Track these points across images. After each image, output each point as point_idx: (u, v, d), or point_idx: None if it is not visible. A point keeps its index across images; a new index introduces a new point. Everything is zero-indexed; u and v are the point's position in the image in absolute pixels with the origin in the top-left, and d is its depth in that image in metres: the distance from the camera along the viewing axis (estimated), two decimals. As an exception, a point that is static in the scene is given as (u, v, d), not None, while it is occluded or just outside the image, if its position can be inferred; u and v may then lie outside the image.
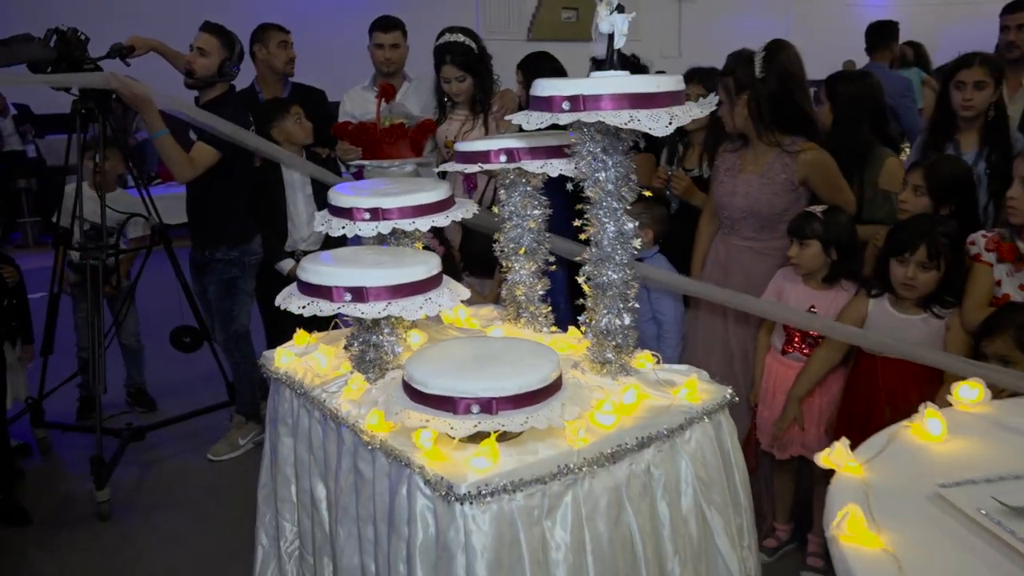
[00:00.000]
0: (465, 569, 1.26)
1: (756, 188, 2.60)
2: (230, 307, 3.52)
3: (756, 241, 2.69)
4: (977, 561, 0.82)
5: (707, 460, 1.50)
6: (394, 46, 3.70)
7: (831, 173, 2.56)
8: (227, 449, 3.61)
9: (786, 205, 2.56)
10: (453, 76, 3.23)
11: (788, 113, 2.50)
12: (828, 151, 2.62)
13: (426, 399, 1.34)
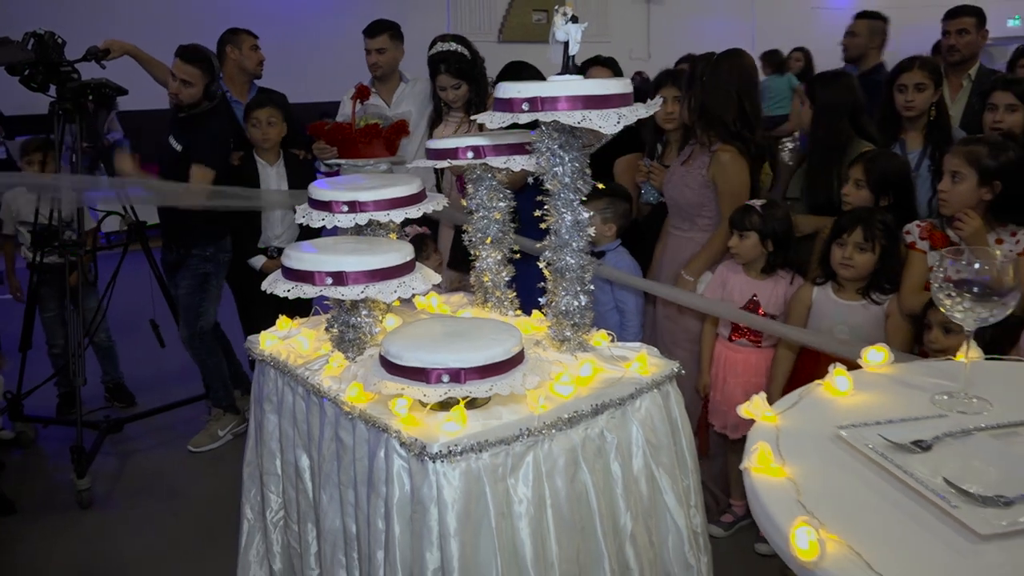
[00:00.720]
0: (437, 520, 1.41)
1: (679, 179, 2.83)
2: (199, 303, 3.62)
3: (678, 230, 2.92)
4: (863, 485, 0.98)
5: (656, 426, 1.66)
6: (380, 51, 3.81)
7: (734, 178, 2.72)
8: (207, 440, 3.72)
9: (700, 200, 2.75)
10: (449, 85, 3.36)
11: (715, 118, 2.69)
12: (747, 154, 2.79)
13: (401, 371, 1.48)
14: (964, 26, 3.78)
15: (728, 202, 2.70)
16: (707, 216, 2.79)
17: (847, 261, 2.39)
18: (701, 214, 2.78)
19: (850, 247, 2.38)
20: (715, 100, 2.68)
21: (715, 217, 2.78)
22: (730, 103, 2.68)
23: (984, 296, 1.11)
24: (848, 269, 2.40)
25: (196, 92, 3.44)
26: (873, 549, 0.84)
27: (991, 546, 0.85)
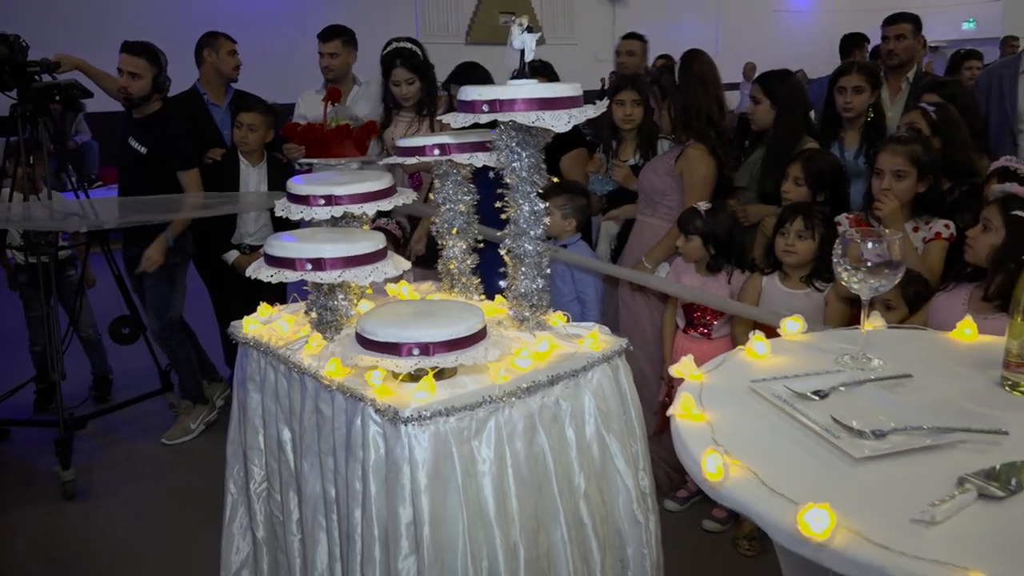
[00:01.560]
0: (409, 479, 1.57)
1: (650, 166, 3.07)
2: (167, 295, 3.73)
3: (642, 215, 3.16)
4: (767, 426, 1.16)
5: (606, 396, 1.84)
6: (332, 55, 3.95)
7: (697, 174, 2.95)
8: (181, 434, 3.82)
9: (663, 187, 2.96)
10: (403, 79, 3.51)
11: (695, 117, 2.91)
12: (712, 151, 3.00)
13: (376, 345, 1.65)
14: (902, 31, 4.03)
15: (691, 195, 2.94)
16: (668, 205, 3.01)
17: (789, 248, 2.60)
18: (663, 202, 3.00)
19: (792, 235, 2.59)
20: (693, 99, 2.90)
21: (676, 207, 3.00)
22: (707, 99, 2.91)
23: (875, 269, 1.30)
24: (791, 256, 2.61)
25: (145, 84, 3.54)
26: (769, 471, 1.02)
27: (863, 467, 1.04)
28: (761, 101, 3.25)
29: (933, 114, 2.85)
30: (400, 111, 3.69)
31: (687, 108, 2.92)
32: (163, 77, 3.63)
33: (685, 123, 2.94)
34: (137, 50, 3.54)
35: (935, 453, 1.06)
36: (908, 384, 1.27)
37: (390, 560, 1.63)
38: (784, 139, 3.14)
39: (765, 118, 3.24)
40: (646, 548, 1.90)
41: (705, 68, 2.99)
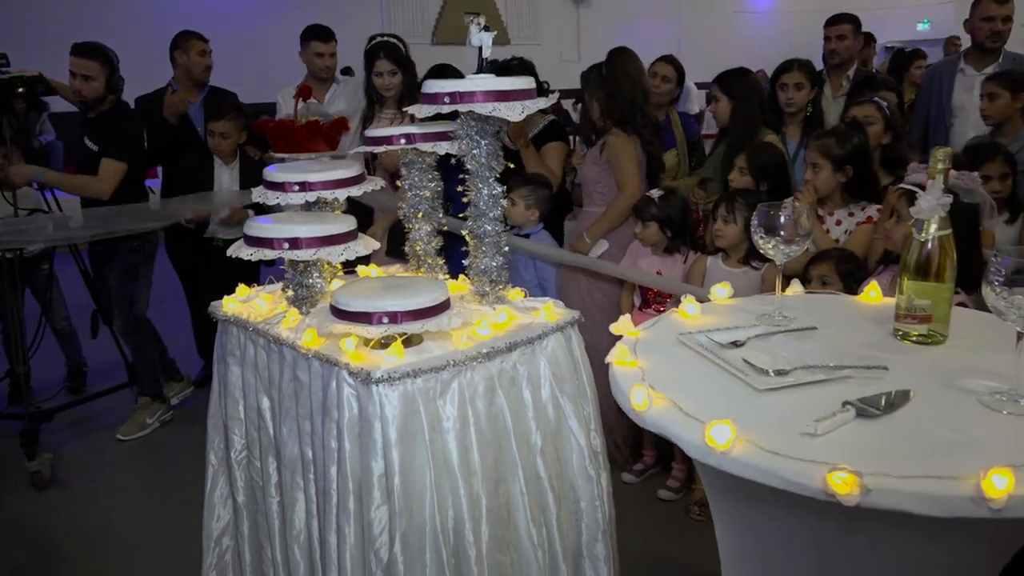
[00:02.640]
0: (380, 434, 1.74)
1: (585, 160, 3.31)
2: (132, 292, 3.82)
3: (585, 205, 3.36)
4: (689, 369, 1.35)
5: (560, 362, 2.02)
6: (332, 55, 4.10)
7: (621, 156, 3.20)
8: (135, 429, 3.88)
9: (596, 176, 3.20)
10: (386, 69, 3.65)
11: (621, 106, 3.12)
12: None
13: (349, 315, 1.81)
14: (842, 32, 4.26)
15: (621, 178, 3.16)
16: (601, 192, 3.24)
17: (717, 232, 2.83)
18: (597, 189, 3.23)
19: (719, 221, 2.81)
20: (619, 90, 3.14)
21: (607, 193, 3.22)
22: (632, 90, 3.14)
23: (787, 240, 1.49)
24: (719, 239, 2.84)
25: (99, 86, 3.60)
26: (687, 402, 1.21)
27: (765, 397, 1.23)
28: (720, 99, 3.47)
29: (886, 109, 3.06)
30: (383, 108, 3.82)
31: (613, 98, 3.19)
32: (116, 77, 3.70)
33: (611, 112, 3.18)
34: (88, 52, 3.59)
35: (827, 386, 1.25)
36: (814, 335, 1.47)
37: (364, 511, 1.79)
38: (741, 133, 3.37)
39: (724, 114, 3.46)
40: (598, 501, 2.08)
41: (629, 63, 3.30)
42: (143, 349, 3.91)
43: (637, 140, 3.23)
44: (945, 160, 1.38)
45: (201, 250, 4.00)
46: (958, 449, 1.05)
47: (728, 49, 12.20)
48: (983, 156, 2.90)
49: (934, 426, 1.13)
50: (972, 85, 3.84)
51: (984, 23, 3.88)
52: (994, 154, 2.88)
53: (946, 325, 1.43)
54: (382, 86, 3.70)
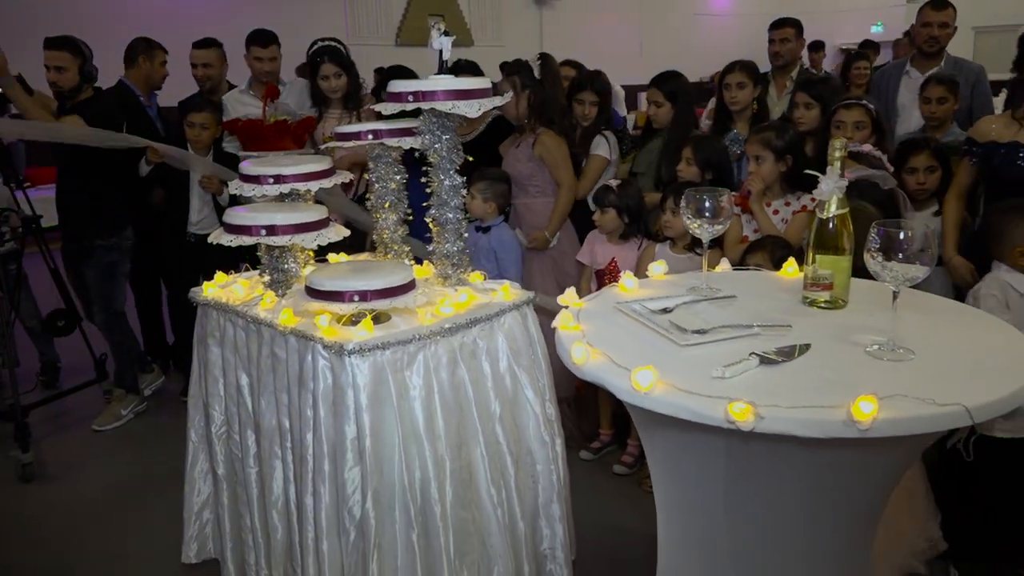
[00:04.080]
0: (353, 400, 1.92)
1: (512, 157, 3.52)
2: (110, 290, 3.93)
3: (516, 199, 3.56)
4: (624, 331, 1.55)
5: (516, 337, 2.21)
6: (272, 59, 4.23)
7: (556, 154, 3.44)
8: (110, 420, 3.97)
9: (530, 172, 3.44)
10: (331, 72, 3.82)
11: (554, 108, 3.40)
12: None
13: (322, 295, 1.99)
14: (786, 35, 4.51)
15: (558, 170, 3.44)
16: (536, 184, 3.50)
17: (667, 223, 3.04)
18: (531, 183, 3.48)
19: (668, 212, 3.03)
20: (551, 92, 3.39)
21: (542, 185, 3.49)
22: (559, 93, 3.44)
23: (712, 219, 1.70)
24: (668, 229, 3.05)
25: (72, 75, 3.73)
26: (620, 356, 1.41)
27: (687, 351, 1.43)
28: (663, 104, 3.67)
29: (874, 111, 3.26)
30: (328, 108, 3.98)
31: (547, 100, 3.46)
32: (88, 66, 3.81)
33: (543, 112, 3.45)
34: (58, 44, 3.72)
35: (739, 341, 1.46)
36: (734, 303, 1.68)
37: (338, 472, 1.97)
38: (680, 131, 3.59)
39: (666, 117, 3.67)
40: (553, 465, 2.28)
41: (557, 67, 3.60)
42: (123, 344, 4.03)
43: (564, 140, 3.48)
44: (842, 149, 1.60)
45: (175, 247, 4.12)
46: (840, 387, 1.27)
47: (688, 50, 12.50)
48: (911, 149, 3.14)
49: (824, 370, 1.34)
50: (916, 87, 4.13)
51: (923, 29, 4.17)
52: (922, 147, 3.11)
53: (846, 292, 1.65)
54: (328, 89, 3.85)
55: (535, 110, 3.45)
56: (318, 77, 3.86)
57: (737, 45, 13.41)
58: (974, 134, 2.83)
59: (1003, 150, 2.69)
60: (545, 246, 3.51)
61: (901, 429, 1.17)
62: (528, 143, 3.49)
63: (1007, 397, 1.23)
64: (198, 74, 4.22)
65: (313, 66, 3.89)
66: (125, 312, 4.08)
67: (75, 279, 4.06)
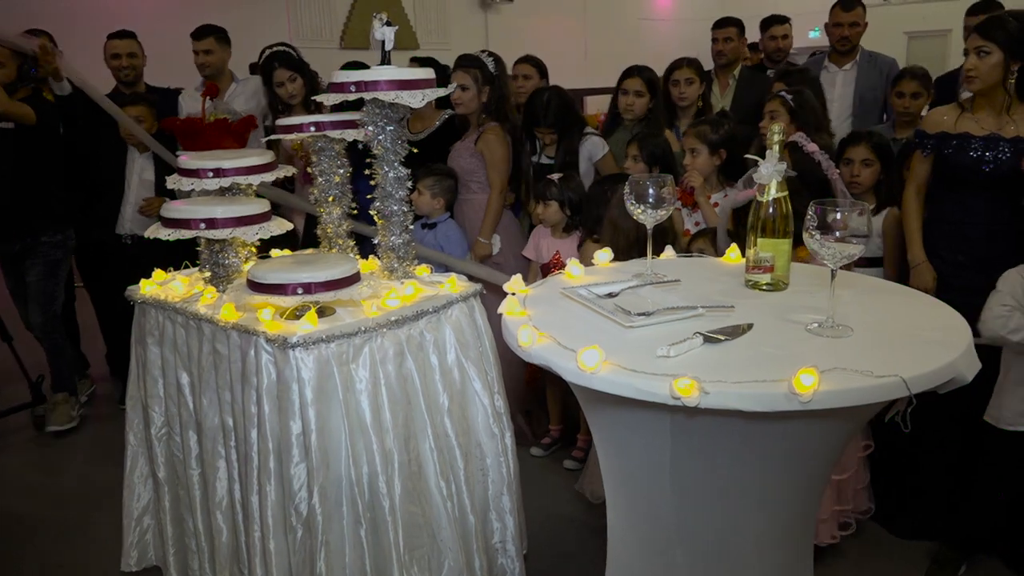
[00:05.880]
0: (298, 395, 1.88)
1: (456, 151, 3.52)
2: (52, 288, 3.83)
3: (460, 193, 3.56)
4: (570, 315, 1.55)
5: (464, 329, 2.20)
6: (207, 52, 4.14)
7: (496, 153, 3.44)
8: (65, 420, 3.85)
9: (471, 168, 3.45)
10: (285, 78, 3.74)
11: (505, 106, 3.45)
12: None
13: (265, 288, 1.94)
14: (729, 35, 4.61)
15: (493, 171, 3.42)
16: (478, 180, 3.49)
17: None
18: (473, 179, 3.47)
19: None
20: (504, 90, 3.39)
21: (483, 182, 3.47)
22: (511, 96, 3.43)
23: (655, 206, 1.72)
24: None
25: (10, 71, 3.66)
26: (566, 338, 1.40)
27: (632, 333, 1.44)
28: (643, 94, 3.67)
29: (791, 101, 3.32)
30: (290, 113, 3.90)
31: (501, 97, 3.47)
32: (28, 67, 3.73)
33: (497, 108, 3.47)
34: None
35: (683, 322, 1.47)
36: (678, 287, 1.70)
37: (283, 469, 1.93)
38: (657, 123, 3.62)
39: (643, 108, 3.67)
40: (502, 457, 2.27)
41: (506, 67, 3.60)
42: (63, 345, 3.91)
43: (510, 140, 3.48)
44: (780, 133, 1.63)
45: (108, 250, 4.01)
46: (781, 362, 1.28)
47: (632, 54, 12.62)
48: (849, 140, 3.21)
49: (766, 347, 1.36)
50: (834, 80, 4.27)
51: (835, 29, 4.34)
52: (860, 140, 3.17)
53: (787, 274, 1.68)
54: (286, 95, 3.77)
55: (491, 106, 3.45)
56: (274, 85, 3.79)
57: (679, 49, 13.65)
58: (925, 126, 2.89)
59: (955, 141, 2.76)
60: (488, 254, 3.48)
61: (841, 400, 1.19)
62: (472, 138, 3.49)
63: (942, 367, 1.26)
64: (122, 64, 4.07)
65: (267, 76, 3.82)
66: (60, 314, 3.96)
67: (13, 283, 3.93)
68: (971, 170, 2.71)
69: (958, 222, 2.77)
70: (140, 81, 4.20)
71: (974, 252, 2.73)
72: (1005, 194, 2.70)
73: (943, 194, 2.83)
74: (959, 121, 2.76)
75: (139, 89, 4.15)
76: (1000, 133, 2.67)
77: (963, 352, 1.32)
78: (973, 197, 2.74)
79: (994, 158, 2.67)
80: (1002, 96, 2.69)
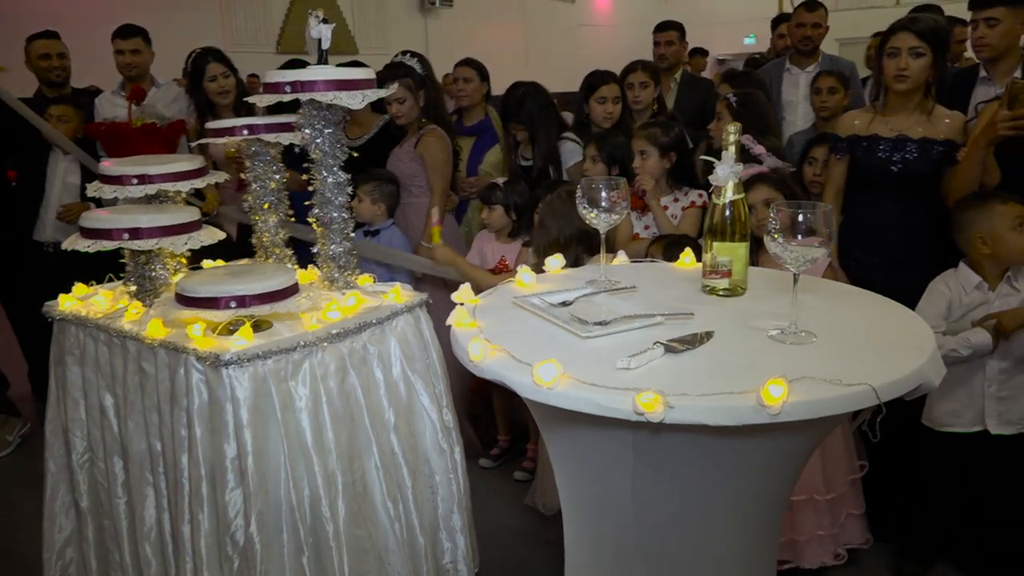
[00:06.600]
0: (232, 416, 1.75)
1: (395, 155, 3.44)
2: None
3: (401, 198, 3.47)
4: (523, 326, 1.47)
5: (410, 341, 2.10)
6: (134, 51, 3.96)
7: (436, 156, 3.38)
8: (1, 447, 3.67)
9: (411, 171, 3.37)
10: (219, 72, 3.60)
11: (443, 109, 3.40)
12: None
13: (195, 302, 1.81)
14: (670, 38, 4.61)
15: (434, 174, 3.35)
16: (418, 184, 3.41)
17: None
18: (414, 183, 3.40)
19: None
20: (439, 93, 3.35)
21: (425, 186, 3.40)
22: (442, 96, 3.38)
23: (607, 209, 1.65)
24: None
25: None
26: (520, 351, 1.32)
27: (589, 343, 1.37)
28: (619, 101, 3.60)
29: (735, 103, 3.30)
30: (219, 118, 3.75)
31: (435, 97, 3.42)
32: None
33: (434, 109, 3.41)
34: None
35: (642, 331, 1.40)
36: (634, 294, 1.63)
37: (217, 495, 1.80)
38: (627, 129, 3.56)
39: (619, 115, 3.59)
40: (452, 474, 2.17)
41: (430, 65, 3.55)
42: None
43: (449, 142, 3.42)
44: (736, 133, 1.58)
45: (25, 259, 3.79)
46: (747, 371, 1.22)
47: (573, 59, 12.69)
48: (817, 140, 3.22)
49: (729, 356, 1.30)
50: (797, 82, 4.30)
51: (798, 29, 4.37)
52: (825, 140, 3.18)
53: (744, 279, 1.62)
54: (218, 89, 3.62)
55: (429, 110, 3.38)
56: (206, 79, 3.62)
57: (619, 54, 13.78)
58: (836, 129, 2.91)
59: (865, 143, 2.78)
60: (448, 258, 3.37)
61: (811, 411, 1.14)
62: (411, 142, 3.41)
63: (911, 374, 1.22)
64: (52, 64, 3.93)
65: (197, 72, 3.65)
66: None
67: None
68: (881, 171, 2.74)
69: (870, 223, 2.78)
70: (68, 83, 4.00)
71: (888, 254, 2.74)
72: (917, 195, 2.73)
73: (855, 196, 2.85)
74: (872, 124, 2.78)
75: (66, 92, 3.94)
76: (907, 134, 2.70)
77: (930, 357, 1.28)
78: (883, 198, 2.76)
79: (902, 159, 2.70)
80: (919, 98, 2.72)
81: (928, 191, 2.71)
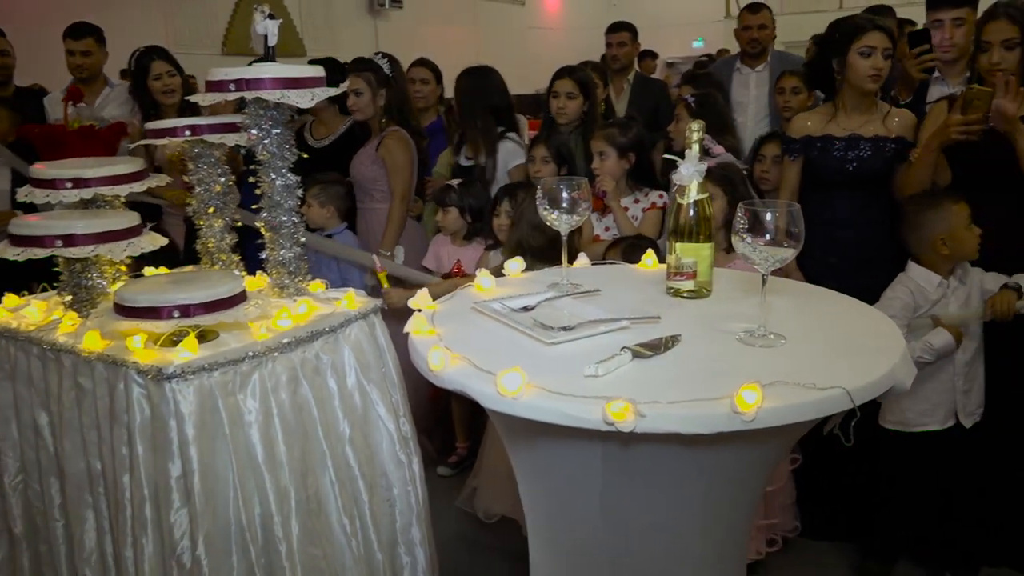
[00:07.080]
0: (176, 432, 1.66)
1: (358, 158, 3.36)
2: None
3: (361, 203, 3.42)
4: (485, 332, 1.41)
5: (365, 349, 2.02)
6: (85, 53, 3.81)
7: (398, 159, 3.29)
8: None
9: (372, 175, 3.28)
10: (164, 71, 3.49)
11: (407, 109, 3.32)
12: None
13: (135, 312, 1.71)
14: (622, 39, 4.60)
15: (395, 178, 3.26)
16: (381, 189, 3.32)
17: (500, 226, 2.93)
18: (376, 187, 3.31)
19: (502, 215, 2.93)
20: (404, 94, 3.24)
21: (387, 191, 3.30)
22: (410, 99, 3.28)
23: (569, 210, 1.60)
24: (501, 232, 2.94)
25: None
26: (482, 359, 1.26)
27: (554, 350, 1.31)
28: (575, 96, 3.47)
29: (693, 104, 3.27)
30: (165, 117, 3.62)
31: (401, 100, 3.34)
32: None
33: (398, 111, 3.34)
34: None
35: (608, 336, 1.35)
36: (598, 297, 1.58)
37: (162, 517, 1.70)
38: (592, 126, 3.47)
39: (577, 111, 3.45)
40: (410, 486, 2.10)
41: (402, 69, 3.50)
42: None
43: (413, 145, 3.33)
44: (699, 131, 1.54)
45: None
46: (718, 376, 1.18)
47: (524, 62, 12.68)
48: (767, 137, 3.22)
49: (699, 361, 1.26)
50: (747, 82, 4.31)
51: (744, 32, 4.39)
52: (775, 138, 3.17)
53: (709, 281, 1.59)
54: (163, 88, 3.52)
55: (390, 109, 3.29)
56: (149, 79, 3.50)
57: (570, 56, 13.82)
58: (789, 131, 2.91)
59: (818, 143, 2.78)
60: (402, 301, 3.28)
61: (785, 417, 1.10)
62: (373, 144, 3.32)
63: (884, 376, 1.19)
64: None
65: (141, 71, 3.53)
66: None
67: None
68: (837, 170, 2.75)
69: (827, 223, 2.79)
70: (11, 83, 3.83)
71: (846, 253, 2.75)
72: (872, 193, 2.75)
73: (810, 196, 2.86)
74: (827, 124, 2.79)
75: (8, 93, 3.77)
76: (860, 133, 2.72)
77: (901, 359, 1.25)
78: (840, 197, 2.77)
79: (856, 157, 2.71)
80: (870, 97, 2.73)
81: (883, 188, 2.73)
